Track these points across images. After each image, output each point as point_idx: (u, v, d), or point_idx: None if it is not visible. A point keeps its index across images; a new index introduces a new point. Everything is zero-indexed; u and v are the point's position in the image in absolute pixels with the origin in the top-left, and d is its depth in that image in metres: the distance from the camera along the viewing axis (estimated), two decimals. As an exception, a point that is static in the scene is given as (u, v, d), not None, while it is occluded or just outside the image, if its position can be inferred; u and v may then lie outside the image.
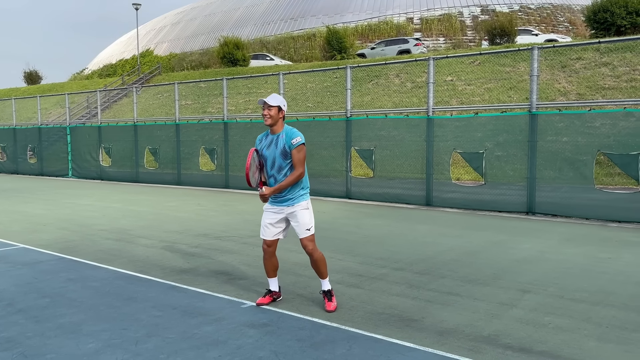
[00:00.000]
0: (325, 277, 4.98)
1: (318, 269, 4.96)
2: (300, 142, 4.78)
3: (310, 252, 4.89)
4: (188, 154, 17.48)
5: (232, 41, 36.32)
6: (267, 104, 4.79)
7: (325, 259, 5.00)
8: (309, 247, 4.87)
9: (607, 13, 25.87)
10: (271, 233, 4.97)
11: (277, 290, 5.15)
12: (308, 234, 4.87)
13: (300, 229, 4.87)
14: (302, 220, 4.86)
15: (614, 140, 9.96)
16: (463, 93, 21.41)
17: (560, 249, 7.57)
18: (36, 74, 50.43)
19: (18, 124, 24.72)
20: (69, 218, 10.57)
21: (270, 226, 4.96)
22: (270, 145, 4.87)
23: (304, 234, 4.87)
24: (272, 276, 5.11)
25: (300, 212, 4.86)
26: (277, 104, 4.80)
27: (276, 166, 4.85)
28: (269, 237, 4.98)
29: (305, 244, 4.88)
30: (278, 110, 4.81)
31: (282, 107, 4.83)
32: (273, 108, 4.79)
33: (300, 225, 4.87)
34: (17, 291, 5.57)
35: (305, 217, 4.87)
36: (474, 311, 4.88)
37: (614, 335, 4.30)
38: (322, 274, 4.96)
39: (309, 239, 4.88)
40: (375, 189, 13.02)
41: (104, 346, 4.09)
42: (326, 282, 4.98)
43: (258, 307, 5.02)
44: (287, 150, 4.78)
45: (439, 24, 38.77)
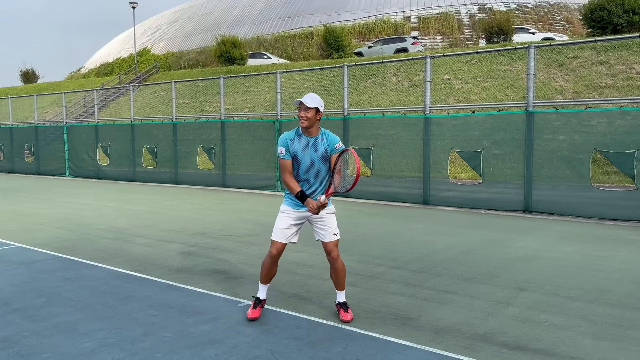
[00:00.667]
0: (344, 288, 4.72)
1: (338, 278, 4.67)
2: (343, 147, 4.55)
3: (335, 257, 4.61)
4: (185, 153, 17.47)
5: (230, 40, 36.28)
6: (304, 105, 4.42)
7: (345, 270, 4.74)
8: (335, 253, 4.60)
9: (604, 11, 25.91)
10: (287, 237, 4.61)
11: (265, 298, 4.78)
12: (335, 239, 4.60)
13: (327, 232, 4.59)
14: (331, 224, 4.60)
15: (610, 139, 9.99)
16: (460, 92, 21.42)
17: (556, 247, 7.59)
18: (33, 73, 50.32)
19: (15, 123, 24.65)
20: (65, 217, 10.56)
21: (288, 229, 4.61)
22: (306, 147, 4.52)
23: (331, 237, 4.59)
24: (267, 282, 4.75)
25: (328, 215, 4.60)
26: (315, 105, 4.43)
27: (313, 170, 4.55)
28: (283, 240, 4.61)
29: (331, 249, 4.59)
30: (316, 112, 4.45)
31: (320, 109, 4.48)
32: (311, 110, 4.43)
33: (328, 229, 4.58)
34: (13, 290, 5.56)
35: (333, 221, 4.63)
36: (470, 309, 4.89)
37: (609, 332, 4.32)
38: (341, 284, 4.69)
39: (335, 244, 4.61)
40: (373, 187, 13.03)
41: (100, 345, 4.09)
42: (342, 294, 4.72)
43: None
44: (328, 154, 4.53)
45: (436, 22, 38.79)
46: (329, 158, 4.55)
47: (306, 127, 4.46)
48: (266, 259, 4.67)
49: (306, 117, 4.43)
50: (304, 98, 4.45)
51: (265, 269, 4.68)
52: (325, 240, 4.60)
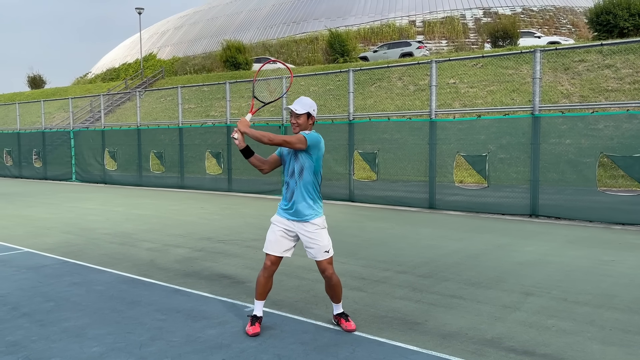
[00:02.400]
0: (340, 301, 4.53)
1: (334, 293, 4.47)
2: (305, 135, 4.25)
3: (329, 276, 4.36)
4: (191, 158, 17.53)
5: (235, 45, 36.43)
6: (294, 112, 4.27)
7: (341, 284, 4.51)
8: (329, 271, 4.34)
9: (610, 15, 25.86)
10: (280, 249, 4.38)
11: (262, 315, 4.51)
12: (327, 257, 4.32)
13: (317, 251, 4.31)
14: (320, 242, 4.30)
15: (617, 143, 9.95)
16: (466, 96, 21.41)
17: (563, 251, 7.56)
18: (40, 79, 50.65)
19: (22, 129, 24.81)
20: (72, 222, 10.61)
21: (281, 240, 4.39)
22: (290, 151, 4.40)
23: (322, 256, 4.31)
24: (263, 299, 4.46)
25: (315, 232, 4.31)
26: (306, 111, 4.28)
27: (290, 171, 4.41)
28: (277, 253, 4.38)
29: (324, 267, 4.33)
30: (307, 117, 4.30)
31: (312, 113, 4.32)
32: (301, 116, 4.28)
33: (318, 247, 4.30)
34: (21, 295, 5.59)
35: (323, 238, 4.31)
36: (477, 314, 4.88)
37: (617, 338, 4.30)
38: (337, 298, 4.50)
39: (327, 262, 4.33)
40: (378, 191, 13.02)
41: (108, 350, 4.10)
42: (339, 306, 4.55)
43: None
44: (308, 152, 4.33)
45: (441, 26, 38.79)
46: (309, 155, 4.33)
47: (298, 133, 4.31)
48: (260, 274, 4.42)
49: (297, 123, 4.30)
50: (294, 104, 4.29)
51: (260, 285, 4.41)
52: (317, 259, 4.34)
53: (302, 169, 4.35)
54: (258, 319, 4.46)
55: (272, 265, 4.40)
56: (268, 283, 4.42)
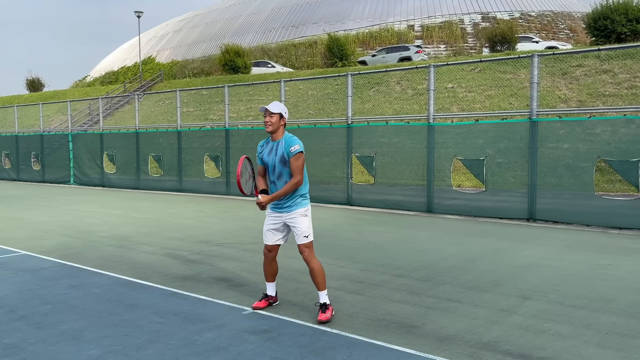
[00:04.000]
0: (323, 289, 4.88)
1: (315, 279, 4.89)
2: (299, 150, 4.81)
3: (306, 258, 4.90)
4: (190, 161, 17.53)
5: (234, 49, 36.47)
6: (268, 111, 4.84)
7: (323, 270, 4.94)
8: (305, 254, 4.89)
9: (608, 20, 25.96)
10: (272, 238, 5.06)
11: (273, 295, 5.22)
12: (305, 241, 4.89)
13: (298, 235, 4.91)
14: (301, 227, 4.89)
15: (614, 147, 9.98)
16: (464, 100, 21.46)
17: (560, 255, 7.58)
18: (38, 81, 50.64)
19: (20, 131, 24.80)
20: (70, 225, 10.61)
21: (272, 232, 5.05)
22: (270, 151, 4.93)
23: (301, 240, 4.90)
24: (271, 281, 5.19)
25: (299, 218, 4.90)
26: (279, 112, 4.84)
27: (276, 172, 4.92)
28: (270, 242, 5.07)
29: (301, 250, 4.91)
30: (279, 118, 4.86)
31: (284, 115, 4.88)
32: (274, 115, 4.84)
33: (298, 231, 4.90)
34: (19, 297, 5.59)
35: (303, 224, 4.89)
36: (474, 318, 4.89)
37: (614, 341, 4.31)
38: (319, 284, 4.88)
39: (305, 246, 4.89)
40: (376, 195, 13.04)
41: (106, 352, 4.11)
42: (323, 295, 4.88)
43: (258, 313, 5.01)
44: (286, 157, 4.83)
45: (439, 31, 38.91)
46: (288, 161, 4.85)
47: (270, 132, 4.89)
48: (264, 260, 5.19)
49: (270, 122, 4.85)
50: (269, 105, 4.88)
51: (265, 269, 5.19)
52: (297, 242, 4.94)
53: (290, 173, 4.91)
54: (267, 296, 5.20)
55: (269, 252, 5.12)
56: (272, 266, 5.17)
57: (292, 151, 4.80)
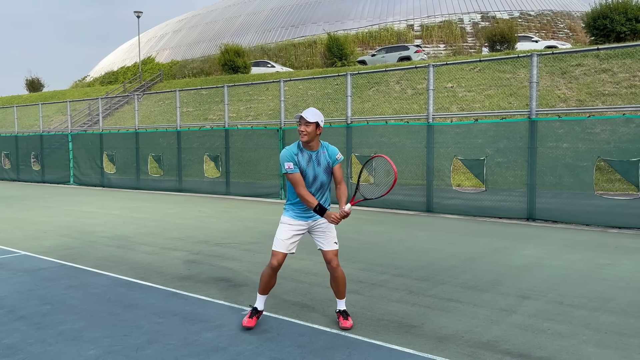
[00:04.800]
0: (344, 297, 4.74)
1: (339, 287, 4.69)
2: (342, 158, 4.65)
3: (335, 266, 4.62)
4: (189, 161, 17.54)
5: (233, 48, 36.47)
6: (304, 119, 4.44)
7: (346, 278, 4.78)
8: (335, 262, 4.62)
9: (607, 20, 25.97)
10: (287, 246, 4.60)
11: (263, 309, 4.75)
12: (335, 248, 4.64)
13: (327, 241, 4.62)
14: (331, 233, 4.64)
15: (614, 147, 9.98)
16: (463, 100, 21.46)
17: (560, 255, 7.58)
18: (38, 82, 50.62)
19: (20, 132, 24.80)
20: (70, 225, 10.60)
21: (292, 240, 4.62)
22: (309, 161, 4.52)
23: (330, 246, 4.62)
24: (266, 293, 4.71)
25: (328, 225, 4.62)
26: (316, 120, 4.46)
27: (317, 184, 4.57)
28: (285, 250, 4.58)
29: (331, 258, 4.61)
30: (316, 127, 4.47)
31: (320, 124, 4.50)
32: (311, 124, 4.45)
33: (328, 237, 4.63)
34: (18, 298, 5.59)
35: (333, 230, 4.67)
36: (473, 317, 4.89)
37: (613, 341, 4.31)
38: (342, 293, 4.71)
39: (335, 253, 4.63)
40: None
41: (105, 353, 4.11)
42: (343, 303, 4.74)
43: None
44: (331, 167, 4.58)
45: (439, 30, 38.91)
46: (332, 170, 4.59)
47: (306, 142, 4.48)
48: (266, 270, 4.63)
49: (306, 131, 4.44)
50: (305, 112, 4.48)
51: (265, 280, 4.64)
52: (325, 248, 4.62)
53: (329, 182, 4.65)
54: (258, 312, 4.68)
55: (278, 265, 4.59)
56: (273, 279, 4.65)
57: (339, 159, 4.59)
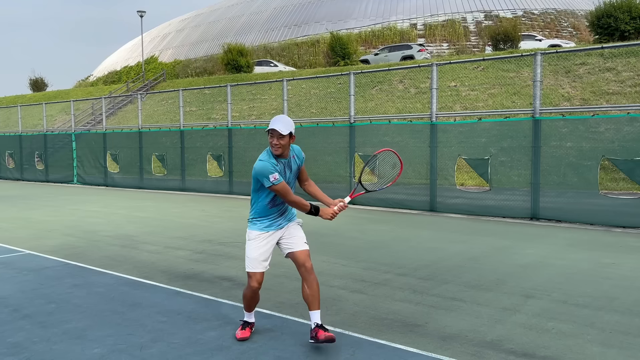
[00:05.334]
0: (319, 307, 4.18)
1: (314, 294, 4.15)
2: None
3: (309, 269, 4.19)
4: (192, 160, 17.55)
5: (236, 48, 36.48)
6: (277, 132, 4.03)
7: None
8: (309, 263, 4.21)
9: (611, 18, 25.87)
10: (264, 264, 4.27)
11: (254, 321, 4.53)
12: (307, 247, 4.29)
13: (298, 241, 4.27)
14: (300, 233, 4.32)
15: (618, 146, 9.95)
16: (467, 99, 21.43)
17: (564, 254, 7.57)
18: (42, 81, 50.73)
19: (24, 131, 24.86)
20: (74, 224, 10.63)
21: (266, 257, 4.28)
22: (284, 170, 4.19)
23: (302, 246, 4.25)
24: (252, 311, 4.47)
25: (294, 226, 4.35)
26: (290, 130, 4.07)
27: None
28: (262, 269, 4.25)
29: (304, 259, 4.21)
30: (289, 137, 4.11)
31: (293, 132, 4.14)
32: (285, 137, 4.06)
33: (297, 238, 4.28)
34: (23, 297, 5.61)
35: (300, 231, 4.36)
36: (477, 316, 4.88)
37: (618, 340, 4.30)
38: (318, 300, 4.18)
39: (308, 254, 4.26)
40: (379, 194, 13.00)
41: (109, 351, 4.12)
42: (318, 314, 4.16)
43: (261, 312, 4.95)
44: (299, 168, 4.34)
45: (442, 29, 38.84)
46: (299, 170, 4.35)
47: (279, 155, 4.13)
48: (247, 291, 4.32)
49: (280, 144, 4.06)
50: (275, 124, 4.05)
51: (247, 300, 4.38)
52: (297, 249, 4.23)
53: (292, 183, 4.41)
54: (249, 324, 4.49)
55: (259, 285, 4.27)
56: (255, 297, 4.37)
57: (303, 157, 4.37)
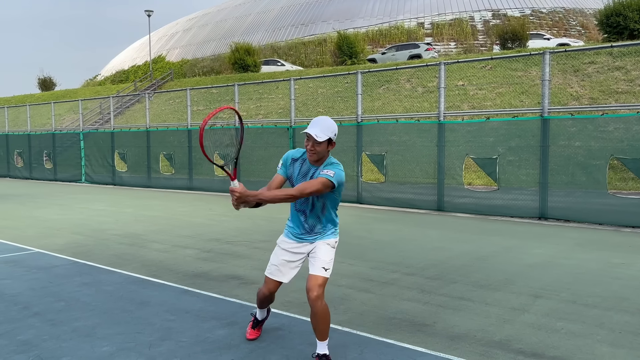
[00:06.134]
0: (325, 338, 3.79)
1: (318, 325, 3.73)
2: (329, 176, 3.60)
3: (315, 298, 3.66)
4: (200, 159, 17.59)
5: (243, 47, 36.54)
6: (312, 137, 3.57)
7: (329, 317, 3.80)
8: (314, 292, 3.66)
9: (620, 17, 25.69)
10: (284, 276, 3.95)
11: (265, 318, 4.42)
12: (323, 274, 3.74)
13: (315, 263, 3.78)
14: (323, 256, 3.79)
15: (627, 145, 9.88)
16: (474, 98, 21.35)
17: (572, 254, 7.53)
18: (50, 81, 51.02)
19: (32, 130, 25.02)
20: (82, 223, 10.69)
21: (285, 266, 3.95)
22: (305, 176, 3.78)
23: (316, 271, 3.74)
24: (264, 308, 4.30)
25: (325, 247, 3.84)
26: (328, 137, 3.60)
27: (308, 202, 3.81)
28: (274, 278, 3.97)
29: (311, 286, 3.69)
30: (328, 144, 3.64)
31: (333, 138, 3.64)
32: (322, 144, 3.60)
33: (318, 259, 3.79)
34: (32, 295, 5.65)
35: (327, 255, 3.80)
36: (485, 316, 4.87)
37: (627, 340, 4.28)
38: (323, 333, 3.76)
39: (318, 282, 3.71)
40: (386, 194, 13.02)
41: (118, 349, 4.14)
42: (323, 345, 3.80)
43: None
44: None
45: (450, 28, 38.73)
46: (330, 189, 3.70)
47: (315, 161, 3.73)
48: (260, 291, 4.09)
49: (315, 151, 3.64)
50: (314, 128, 3.60)
51: (259, 299, 4.16)
52: (310, 272, 3.77)
53: (325, 204, 3.83)
54: (260, 322, 4.39)
55: (270, 293, 4.03)
56: (268, 299, 4.14)
57: (325, 174, 3.63)
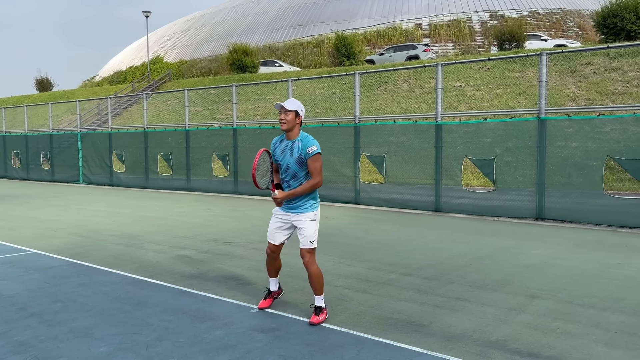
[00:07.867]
0: (320, 293, 4.78)
1: (313, 284, 4.75)
2: (316, 151, 4.64)
3: (306, 263, 4.72)
4: (198, 160, 17.59)
5: (241, 48, 36.56)
6: (284, 108, 4.65)
7: (322, 276, 4.80)
8: (306, 258, 4.71)
9: (617, 18, 25.77)
10: (278, 239, 4.92)
11: (277, 289, 5.19)
12: (309, 246, 4.73)
13: (303, 239, 4.74)
14: (307, 232, 4.72)
15: (624, 146, 9.91)
16: (472, 99, 21.39)
17: (569, 254, 7.55)
18: (48, 81, 50.98)
19: (30, 131, 24.98)
20: (79, 224, 10.68)
21: (278, 231, 4.91)
22: (284, 151, 4.75)
23: (305, 244, 4.73)
24: (274, 276, 5.14)
25: (306, 222, 4.74)
26: (295, 109, 4.65)
27: (290, 173, 4.74)
28: (276, 242, 4.93)
29: (303, 254, 4.73)
30: (295, 116, 4.66)
31: (300, 113, 4.68)
32: (290, 113, 4.64)
33: (304, 236, 4.73)
34: (29, 295, 5.64)
35: (310, 229, 4.73)
36: (482, 316, 4.88)
37: (623, 340, 4.29)
38: (316, 289, 4.76)
39: (308, 251, 4.73)
40: (384, 194, 13.03)
41: (115, 350, 4.14)
42: (319, 299, 4.79)
43: (266, 311, 5.03)
44: (303, 159, 4.66)
45: (447, 29, 38.78)
46: (305, 163, 4.68)
47: (285, 130, 4.70)
48: (266, 257, 5.07)
49: (285, 119, 4.66)
50: (285, 102, 4.70)
51: (268, 265, 5.11)
52: (300, 246, 4.77)
53: (306, 173, 4.75)
54: (271, 293, 5.17)
55: (272, 252, 5.00)
56: (275, 264, 5.08)
57: (310, 152, 4.62)
